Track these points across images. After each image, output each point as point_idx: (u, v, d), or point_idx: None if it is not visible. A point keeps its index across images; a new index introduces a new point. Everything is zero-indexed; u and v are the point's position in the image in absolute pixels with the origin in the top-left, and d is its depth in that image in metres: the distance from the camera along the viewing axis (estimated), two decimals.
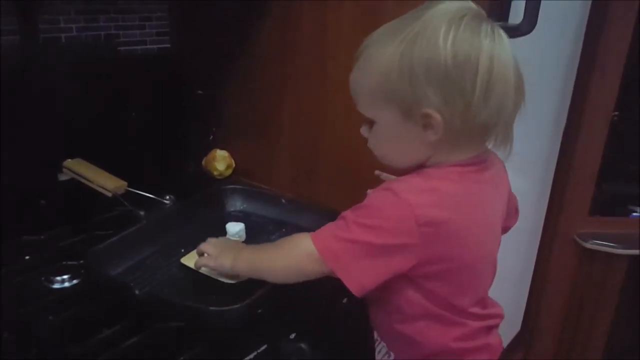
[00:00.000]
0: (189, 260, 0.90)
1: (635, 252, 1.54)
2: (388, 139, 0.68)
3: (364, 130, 0.71)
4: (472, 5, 0.64)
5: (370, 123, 0.69)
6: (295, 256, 0.70)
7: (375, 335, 0.79)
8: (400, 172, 0.70)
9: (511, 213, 0.82)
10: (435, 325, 0.69)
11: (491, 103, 0.61)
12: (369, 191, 0.73)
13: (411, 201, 0.62)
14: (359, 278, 0.64)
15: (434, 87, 0.61)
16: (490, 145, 0.69)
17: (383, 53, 0.63)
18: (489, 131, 0.65)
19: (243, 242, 1.00)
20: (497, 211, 0.73)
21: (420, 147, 0.66)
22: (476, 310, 0.71)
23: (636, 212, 1.64)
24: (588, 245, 1.55)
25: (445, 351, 0.71)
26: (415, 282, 0.67)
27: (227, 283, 0.85)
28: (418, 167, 0.68)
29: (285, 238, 0.74)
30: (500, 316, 0.76)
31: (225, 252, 0.82)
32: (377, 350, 0.80)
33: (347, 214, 0.66)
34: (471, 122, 0.62)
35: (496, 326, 0.76)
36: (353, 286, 0.64)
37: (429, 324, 0.69)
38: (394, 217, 0.62)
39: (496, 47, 0.61)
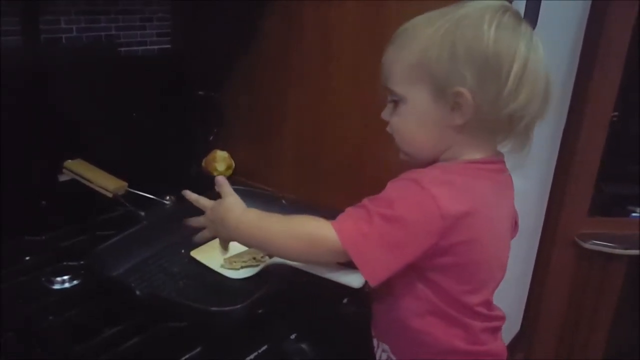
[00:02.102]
0: (199, 253, 0.91)
1: (634, 252, 1.54)
2: (414, 118, 0.68)
3: (385, 113, 0.72)
4: (512, 6, 0.67)
5: (396, 103, 0.69)
6: (312, 241, 0.67)
7: (375, 342, 0.79)
8: (414, 164, 0.71)
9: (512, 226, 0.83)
10: (441, 323, 0.69)
11: (520, 97, 0.63)
12: None
13: (434, 192, 0.62)
14: (377, 269, 0.64)
15: (472, 68, 0.62)
16: (508, 148, 0.70)
17: (424, 31, 0.65)
18: (512, 126, 0.65)
19: None
20: (509, 214, 0.74)
21: (444, 131, 0.66)
22: (482, 309, 0.71)
23: (636, 212, 1.64)
24: (588, 245, 1.55)
25: (452, 352, 0.70)
26: (424, 276, 0.67)
27: (231, 277, 0.86)
28: (432, 162, 0.69)
29: (298, 218, 0.71)
30: (503, 318, 0.76)
31: (223, 216, 0.77)
32: (377, 356, 0.79)
33: (368, 203, 0.65)
34: (499, 111, 0.63)
35: (500, 328, 0.76)
36: (371, 277, 0.64)
37: (435, 321, 0.69)
38: (418, 208, 0.62)
39: (532, 47, 0.64)
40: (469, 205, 0.63)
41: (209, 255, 0.92)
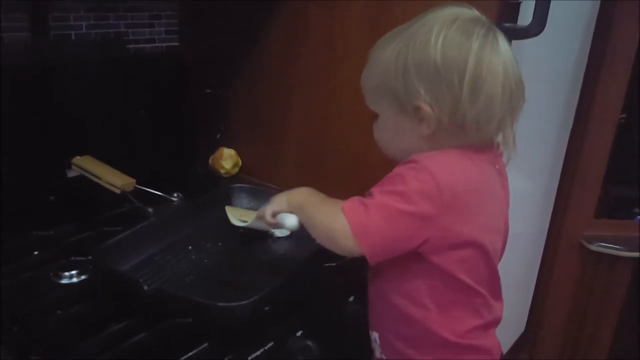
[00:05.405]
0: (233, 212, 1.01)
1: None
2: (388, 131, 0.73)
3: (374, 124, 0.75)
4: (471, 10, 0.68)
5: (376, 117, 0.74)
6: (330, 222, 0.69)
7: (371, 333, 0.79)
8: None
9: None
10: (439, 314, 0.69)
11: (478, 103, 0.65)
12: None
13: (432, 169, 0.64)
14: (375, 243, 0.66)
15: (425, 84, 0.65)
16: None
17: (384, 52, 0.69)
18: (482, 129, 0.67)
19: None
20: (501, 196, 0.74)
21: (417, 139, 0.69)
22: (482, 306, 0.71)
23: None
24: (593, 247, 1.55)
25: (442, 344, 0.70)
26: (436, 266, 0.67)
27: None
28: None
29: (334, 202, 0.72)
30: (499, 319, 0.76)
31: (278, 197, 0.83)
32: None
33: (372, 189, 0.68)
34: (462, 119, 0.66)
35: (494, 326, 0.75)
36: (368, 251, 0.65)
37: (433, 311, 0.69)
38: (417, 183, 0.64)
39: (486, 50, 0.65)
40: (465, 182, 0.65)
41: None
